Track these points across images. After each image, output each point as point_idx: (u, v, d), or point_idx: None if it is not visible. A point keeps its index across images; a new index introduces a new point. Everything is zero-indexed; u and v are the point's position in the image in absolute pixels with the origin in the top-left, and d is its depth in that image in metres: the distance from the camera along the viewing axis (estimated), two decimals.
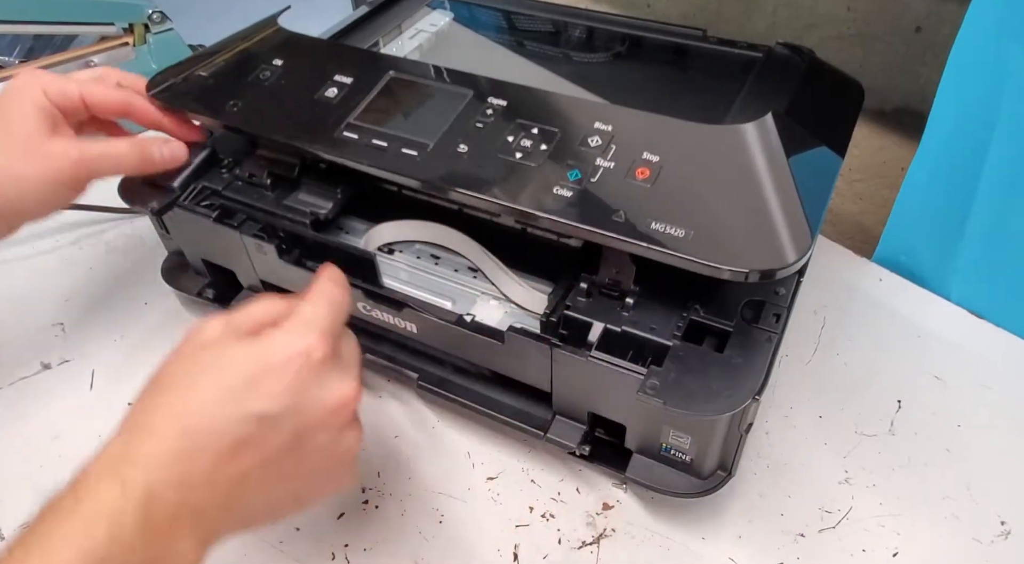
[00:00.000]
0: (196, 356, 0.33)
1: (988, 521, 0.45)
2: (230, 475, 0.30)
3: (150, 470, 0.29)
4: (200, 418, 0.30)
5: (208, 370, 0.32)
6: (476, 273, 0.50)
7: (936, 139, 0.55)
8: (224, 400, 0.30)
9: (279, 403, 0.31)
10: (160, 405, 0.31)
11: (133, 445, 0.30)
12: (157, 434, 0.30)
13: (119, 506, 0.28)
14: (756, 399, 0.38)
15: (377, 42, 0.59)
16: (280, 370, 0.31)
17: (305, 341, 0.32)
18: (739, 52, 0.55)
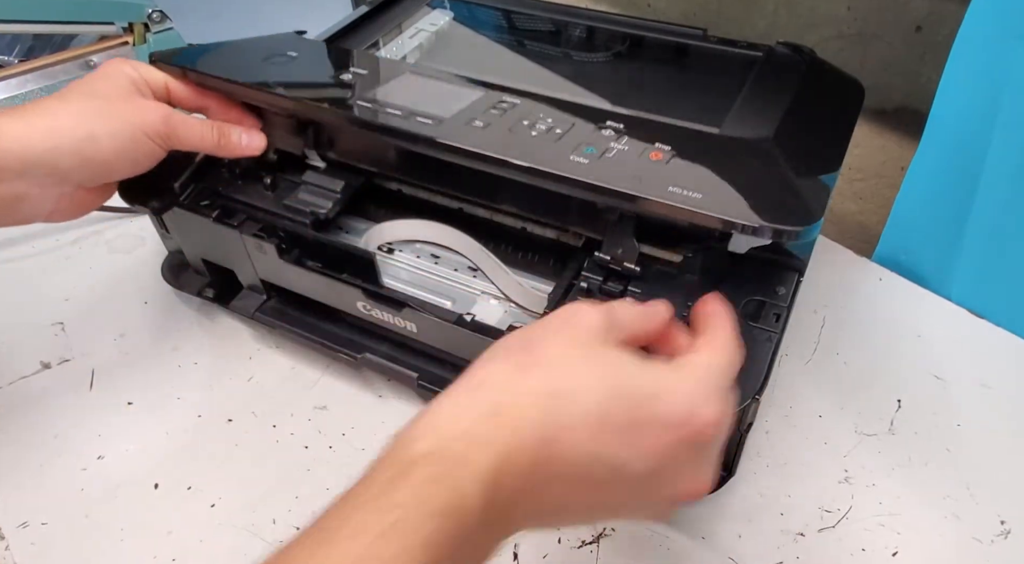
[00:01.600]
0: (578, 347, 0.29)
1: (988, 520, 0.45)
2: (562, 494, 0.28)
3: (502, 463, 0.26)
4: (566, 437, 0.27)
5: (593, 380, 0.28)
6: (476, 272, 0.50)
7: (936, 138, 0.55)
8: (597, 431, 0.27)
9: (645, 465, 0.27)
10: (528, 391, 0.27)
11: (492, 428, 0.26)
12: (516, 423, 0.27)
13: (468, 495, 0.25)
14: (756, 398, 0.38)
15: (377, 41, 0.59)
16: (667, 429, 0.27)
17: (709, 412, 0.28)
18: (739, 51, 0.55)
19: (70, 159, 0.42)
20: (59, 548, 0.45)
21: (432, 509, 0.24)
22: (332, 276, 0.47)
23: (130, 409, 0.52)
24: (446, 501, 0.25)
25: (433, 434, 0.26)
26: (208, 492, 0.47)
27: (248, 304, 0.54)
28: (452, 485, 0.25)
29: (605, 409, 0.27)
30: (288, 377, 0.54)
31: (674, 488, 0.29)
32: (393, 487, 0.25)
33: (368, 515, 0.24)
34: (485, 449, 0.26)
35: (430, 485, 0.25)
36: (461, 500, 0.25)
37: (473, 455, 0.26)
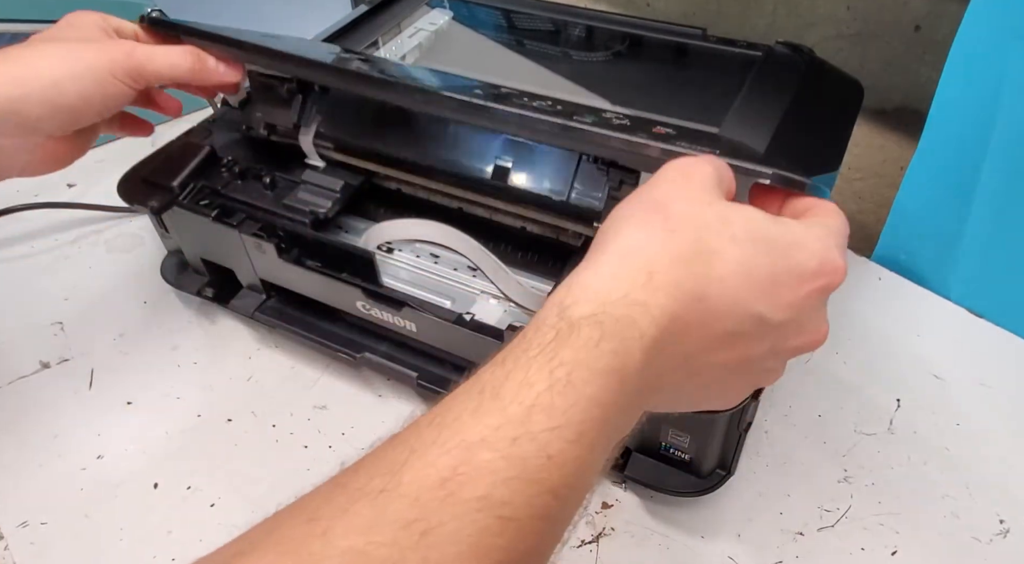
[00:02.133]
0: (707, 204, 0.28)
1: (987, 520, 0.45)
2: (702, 361, 0.28)
3: (663, 328, 0.26)
4: (716, 294, 0.27)
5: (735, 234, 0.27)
6: (475, 272, 0.50)
7: (936, 138, 0.55)
8: (744, 284, 0.27)
9: (783, 315, 0.28)
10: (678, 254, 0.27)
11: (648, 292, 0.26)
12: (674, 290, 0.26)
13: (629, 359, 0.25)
14: (755, 398, 0.38)
15: (376, 41, 0.59)
16: (803, 280, 0.28)
17: (835, 261, 0.29)
18: (739, 51, 0.55)
19: (39, 108, 0.40)
20: (58, 548, 0.45)
21: (600, 368, 0.25)
22: (331, 275, 0.47)
23: (130, 409, 0.52)
24: (611, 362, 0.25)
25: (593, 299, 0.26)
26: (208, 492, 0.47)
27: (247, 304, 0.54)
28: (618, 347, 0.25)
29: (751, 261, 0.27)
30: (288, 377, 0.54)
31: (801, 338, 0.30)
32: (558, 346, 0.25)
33: (533, 372, 0.25)
34: (646, 314, 0.26)
35: (597, 345, 0.25)
36: (625, 362, 0.25)
37: (635, 319, 0.26)
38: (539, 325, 0.26)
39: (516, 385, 0.24)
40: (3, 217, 0.66)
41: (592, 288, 0.26)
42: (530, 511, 0.23)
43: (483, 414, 0.24)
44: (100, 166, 0.74)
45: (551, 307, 0.27)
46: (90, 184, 0.71)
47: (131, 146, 0.77)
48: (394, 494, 0.22)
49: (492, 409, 0.24)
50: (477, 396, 0.25)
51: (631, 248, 0.27)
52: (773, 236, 0.28)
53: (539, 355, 0.25)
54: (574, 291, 0.27)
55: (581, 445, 0.24)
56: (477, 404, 0.24)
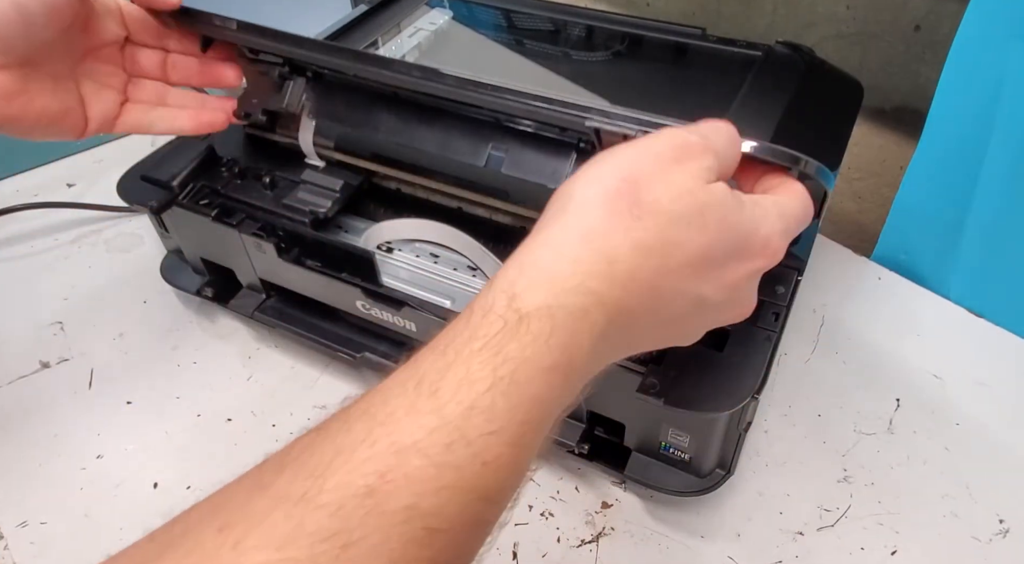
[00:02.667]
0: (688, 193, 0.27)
1: (987, 519, 0.45)
2: (646, 338, 0.29)
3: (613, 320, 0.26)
4: (671, 282, 0.27)
5: (702, 226, 0.27)
6: (475, 271, 0.50)
7: (935, 138, 0.55)
8: (698, 271, 0.27)
9: (724, 295, 0.29)
10: (641, 244, 0.26)
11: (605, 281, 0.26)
12: (630, 279, 0.26)
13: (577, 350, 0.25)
14: (755, 398, 0.38)
15: (376, 41, 0.59)
16: (745, 260, 0.29)
17: (775, 246, 0.30)
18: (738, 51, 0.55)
19: None
20: (58, 547, 0.45)
21: (547, 365, 0.24)
22: (331, 275, 0.47)
23: (129, 408, 0.52)
24: (559, 358, 0.24)
25: (547, 285, 0.25)
26: (207, 491, 0.47)
27: (247, 303, 0.54)
28: (568, 341, 0.25)
29: (710, 251, 0.27)
30: (287, 376, 0.54)
31: (733, 312, 0.31)
32: (505, 339, 0.24)
33: (475, 368, 0.23)
34: (600, 304, 0.25)
35: (546, 341, 0.24)
36: (573, 356, 0.25)
37: (588, 312, 0.25)
38: (486, 310, 0.25)
39: (456, 382, 0.23)
40: (3, 217, 0.66)
41: (547, 271, 0.25)
42: (460, 519, 0.22)
43: (418, 413, 0.23)
44: (99, 166, 0.74)
45: (500, 290, 0.25)
46: (90, 184, 0.71)
47: (131, 146, 0.77)
48: (315, 503, 0.21)
49: (428, 408, 0.23)
50: (414, 391, 0.23)
51: (594, 231, 0.26)
52: (736, 224, 0.28)
53: (483, 348, 0.24)
54: (527, 272, 0.25)
55: (519, 447, 0.23)
56: (413, 401, 0.23)
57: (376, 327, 0.50)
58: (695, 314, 0.29)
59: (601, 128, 0.37)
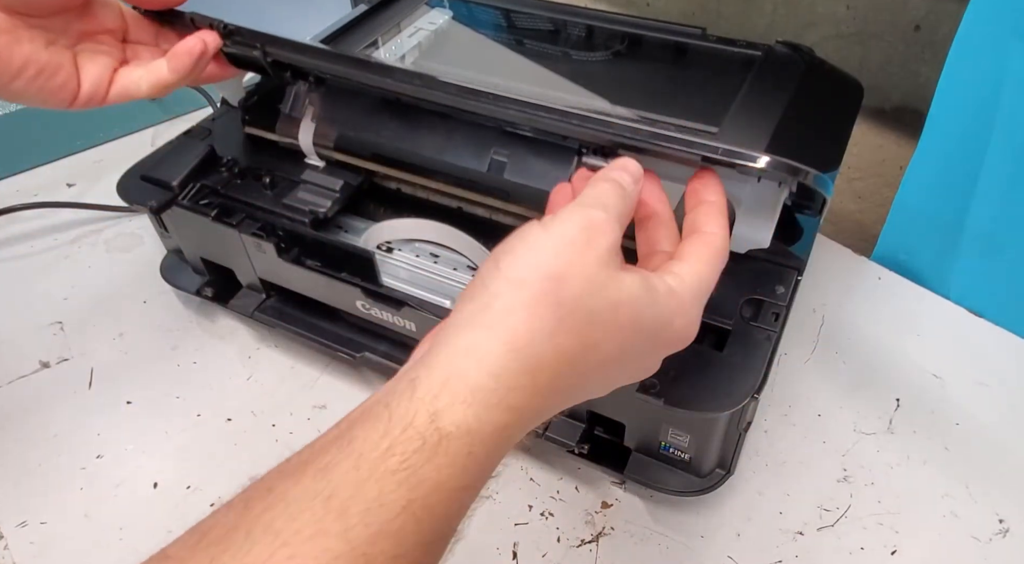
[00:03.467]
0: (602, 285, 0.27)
1: (986, 519, 0.45)
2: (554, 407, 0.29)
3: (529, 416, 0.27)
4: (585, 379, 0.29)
5: (620, 326, 0.28)
6: (475, 271, 0.50)
7: (935, 137, 0.55)
8: (614, 369, 0.30)
9: (631, 374, 0.31)
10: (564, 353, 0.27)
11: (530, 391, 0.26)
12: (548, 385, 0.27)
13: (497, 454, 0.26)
14: (755, 398, 0.38)
15: (376, 41, 0.59)
16: (665, 348, 0.31)
17: (692, 329, 0.31)
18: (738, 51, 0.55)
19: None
20: (58, 547, 0.45)
21: (461, 485, 0.24)
22: (331, 275, 0.47)
23: (129, 408, 0.52)
24: (474, 476, 0.25)
25: (468, 404, 0.25)
26: (207, 491, 0.47)
27: (247, 303, 0.54)
28: (486, 460, 0.25)
29: (623, 352, 0.29)
30: (287, 376, 0.54)
31: (632, 379, 0.32)
32: (422, 460, 0.24)
33: (389, 491, 0.23)
34: (519, 419, 0.26)
35: (463, 462, 0.24)
36: (486, 468, 0.26)
37: (510, 426, 0.26)
38: (406, 423, 0.24)
39: (367, 503, 0.23)
40: (3, 217, 0.66)
41: (472, 388, 0.25)
42: None
43: (325, 534, 0.22)
44: (99, 166, 0.74)
45: (423, 402, 0.25)
46: (89, 184, 0.72)
47: (130, 146, 0.77)
48: None
49: (335, 530, 0.22)
50: (322, 506, 0.23)
51: (520, 343, 0.26)
52: (649, 321, 0.29)
53: (399, 469, 0.23)
54: (450, 386, 0.25)
55: (424, 560, 0.24)
56: (320, 517, 0.22)
57: (376, 327, 0.50)
58: (606, 385, 0.31)
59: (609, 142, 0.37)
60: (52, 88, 0.41)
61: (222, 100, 0.59)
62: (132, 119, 0.78)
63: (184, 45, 0.44)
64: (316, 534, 0.22)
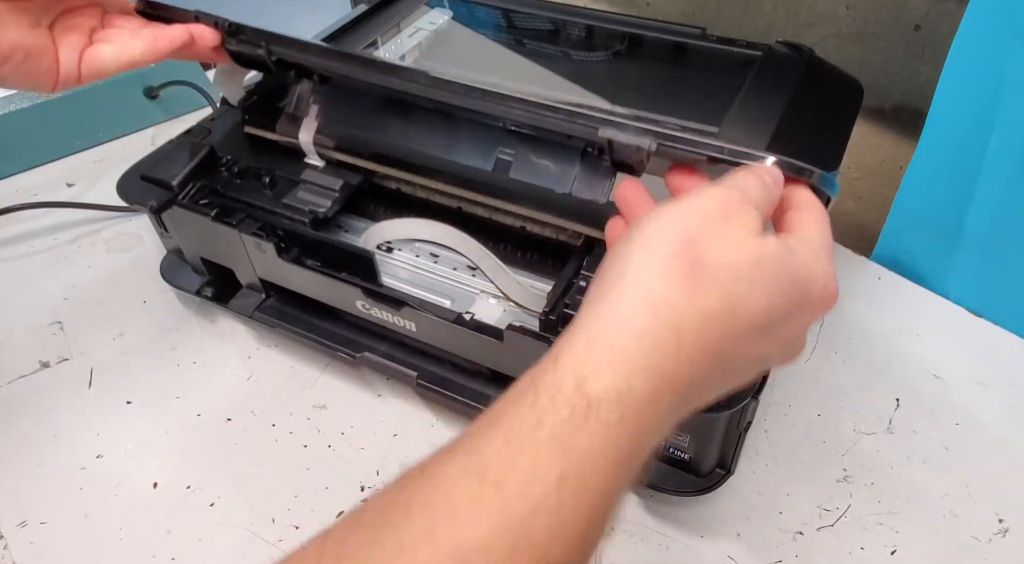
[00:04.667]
0: (743, 249, 0.27)
1: (986, 519, 0.45)
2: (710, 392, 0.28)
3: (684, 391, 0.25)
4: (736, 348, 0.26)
5: (763, 284, 0.27)
6: (475, 271, 0.50)
7: (935, 137, 0.55)
8: (762, 332, 0.27)
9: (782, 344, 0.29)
10: (706, 313, 0.26)
11: (675, 357, 0.25)
12: (698, 352, 0.25)
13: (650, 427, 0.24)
14: (755, 398, 0.38)
15: (375, 41, 0.59)
16: (807, 311, 0.29)
17: (834, 289, 0.29)
18: (738, 50, 0.55)
19: None
20: (58, 547, 0.45)
21: (615, 457, 0.23)
22: (331, 275, 0.47)
23: (129, 408, 0.52)
24: (628, 446, 0.24)
25: (616, 366, 0.24)
26: (207, 491, 0.47)
27: (247, 303, 0.54)
28: (637, 428, 0.24)
29: (772, 308, 0.27)
30: (287, 376, 0.54)
31: (784, 359, 0.30)
32: (574, 430, 0.23)
33: (543, 462, 0.23)
34: (670, 386, 0.25)
35: (616, 433, 0.23)
36: (641, 441, 0.24)
37: (659, 394, 0.24)
38: (553, 393, 0.24)
39: (523, 476, 0.22)
40: (3, 217, 0.66)
41: (615, 348, 0.24)
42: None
43: (483, 509, 0.22)
44: (99, 166, 0.74)
45: (568, 371, 0.24)
46: (89, 184, 0.72)
47: (130, 146, 0.77)
48: None
49: (493, 503, 0.22)
50: (477, 481, 0.22)
51: (657, 300, 0.25)
52: (793, 274, 0.28)
53: (551, 440, 0.23)
54: (595, 351, 0.24)
55: (584, 542, 0.23)
56: (477, 493, 0.22)
57: (376, 327, 0.50)
58: (753, 369, 0.29)
59: (614, 139, 0.37)
60: (38, 72, 0.41)
61: (222, 100, 0.59)
62: (132, 119, 0.78)
63: (168, 32, 0.43)
64: (474, 507, 0.22)
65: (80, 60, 0.42)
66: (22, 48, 0.39)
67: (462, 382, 0.49)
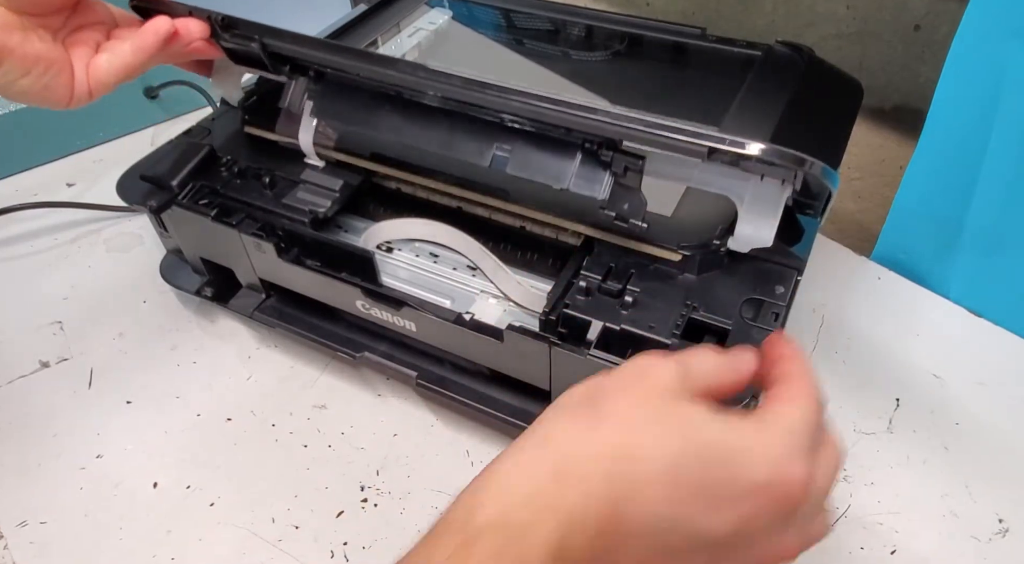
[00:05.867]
0: (648, 403, 0.26)
1: (986, 519, 0.45)
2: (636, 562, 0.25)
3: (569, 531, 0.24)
4: (636, 499, 0.24)
5: (663, 437, 0.25)
6: (475, 271, 0.50)
7: (935, 137, 0.55)
8: (670, 492, 0.24)
9: (725, 530, 0.25)
10: (594, 451, 0.25)
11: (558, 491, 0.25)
12: (582, 486, 0.25)
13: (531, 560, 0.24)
14: (755, 398, 0.38)
15: (375, 40, 0.59)
16: (747, 493, 0.25)
17: (789, 471, 0.25)
18: (738, 50, 0.55)
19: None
20: (58, 547, 0.45)
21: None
22: (331, 275, 0.47)
23: (129, 408, 0.52)
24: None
25: (498, 500, 0.25)
26: (207, 491, 0.47)
27: (247, 303, 0.54)
28: (517, 557, 0.24)
29: (677, 469, 0.25)
30: (287, 376, 0.54)
31: (775, 551, 0.26)
32: (464, 557, 0.24)
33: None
34: (550, 516, 0.24)
35: (495, 559, 0.24)
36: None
37: (538, 523, 0.24)
38: (449, 524, 0.25)
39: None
40: (3, 217, 0.66)
41: (499, 486, 0.25)
42: None
43: None
44: (99, 166, 0.74)
45: (460, 502, 0.26)
46: (89, 184, 0.72)
47: (130, 146, 0.77)
48: None
49: None
50: None
51: (547, 441, 0.26)
52: (712, 440, 0.25)
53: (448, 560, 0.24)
54: (487, 484, 0.26)
55: None
56: None
57: (376, 327, 0.50)
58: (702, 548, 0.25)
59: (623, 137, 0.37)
60: (57, 85, 0.41)
61: (222, 100, 0.59)
62: (132, 119, 0.78)
63: (151, 25, 0.44)
64: None
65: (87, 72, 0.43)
66: (45, 59, 0.40)
67: (462, 382, 0.49)
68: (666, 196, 0.46)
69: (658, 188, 0.43)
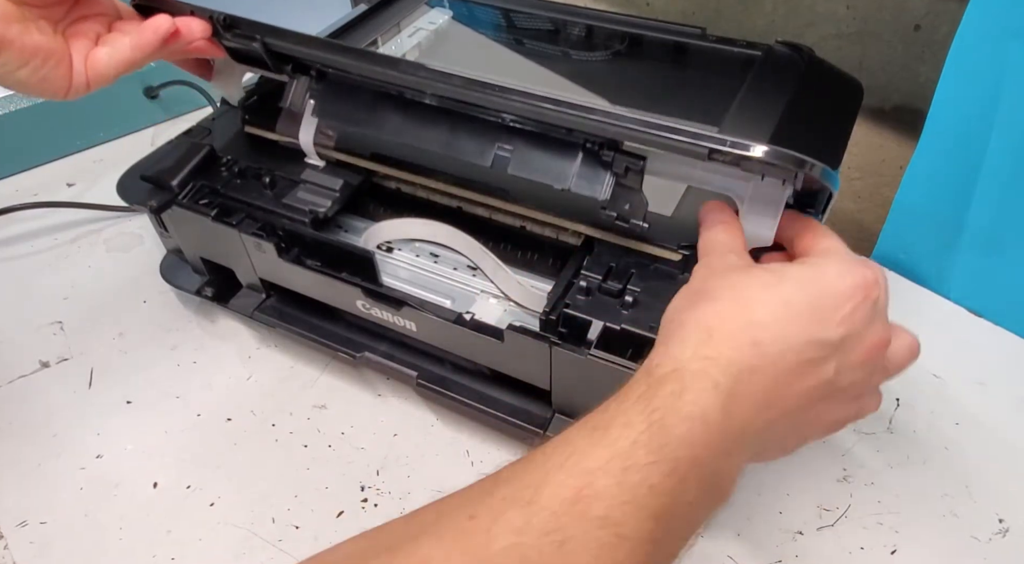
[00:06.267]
0: (738, 273, 0.33)
1: (986, 519, 0.45)
2: (782, 396, 0.30)
3: (733, 376, 0.29)
4: (770, 332, 0.30)
5: (761, 288, 0.32)
6: (475, 271, 0.50)
7: (935, 137, 0.55)
8: (786, 322, 0.30)
9: (837, 333, 0.31)
10: (717, 313, 0.31)
11: (712, 348, 0.30)
12: (731, 341, 0.30)
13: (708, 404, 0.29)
14: None
15: (376, 40, 0.59)
16: (842, 299, 0.31)
17: (863, 273, 0.32)
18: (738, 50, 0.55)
19: None
20: (58, 547, 0.45)
21: (685, 414, 0.28)
22: (331, 275, 0.47)
23: (129, 408, 0.52)
24: (693, 409, 0.28)
25: (672, 360, 0.30)
26: (207, 491, 0.47)
27: (247, 303, 0.54)
28: (697, 396, 0.29)
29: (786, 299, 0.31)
30: (287, 376, 0.54)
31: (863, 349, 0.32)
32: (650, 396, 0.29)
33: (633, 416, 0.29)
34: (716, 365, 0.29)
35: (680, 395, 0.29)
36: (705, 408, 0.29)
37: (709, 370, 0.29)
38: (633, 383, 0.31)
39: (620, 426, 0.29)
40: (3, 217, 0.66)
41: (669, 353, 0.31)
42: (639, 534, 0.27)
43: (597, 447, 0.28)
44: (99, 165, 0.74)
45: (641, 371, 0.31)
46: (89, 183, 0.72)
47: (130, 146, 0.77)
48: (537, 506, 0.27)
49: (603, 443, 0.28)
50: (589, 433, 0.29)
51: (691, 321, 0.32)
52: (796, 274, 0.32)
53: (636, 403, 0.29)
54: (656, 357, 0.31)
55: (675, 478, 0.28)
56: (590, 440, 0.29)
57: (376, 327, 0.50)
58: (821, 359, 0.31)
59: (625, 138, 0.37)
60: (55, 77, 0.41)
61: (222, 100, 0.59)
62: (132, 119, 0.78)
63: (151, 23, 0.44)
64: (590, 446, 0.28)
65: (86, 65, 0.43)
66: (43, 50, 0.40)
67: (462, 382, 0.49)
68: (666, 196, 0.46)
69: (658, 188, 0.43)
